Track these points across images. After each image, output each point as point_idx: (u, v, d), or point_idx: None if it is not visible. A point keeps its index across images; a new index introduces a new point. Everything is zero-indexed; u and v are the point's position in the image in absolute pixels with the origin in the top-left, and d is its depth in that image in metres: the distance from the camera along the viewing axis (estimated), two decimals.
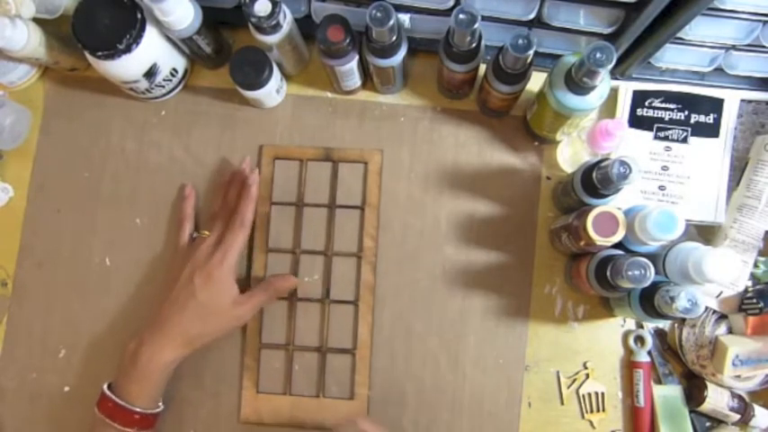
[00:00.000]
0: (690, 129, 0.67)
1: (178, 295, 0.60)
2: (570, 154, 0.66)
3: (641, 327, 0.67)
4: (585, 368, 0.66)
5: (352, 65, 0.63)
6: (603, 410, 0.66)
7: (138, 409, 0.58)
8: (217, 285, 0.60)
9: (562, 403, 0.66)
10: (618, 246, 0.57)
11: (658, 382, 0.66)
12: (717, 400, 0.63)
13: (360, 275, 0.67)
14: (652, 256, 0.55)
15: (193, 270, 0.61)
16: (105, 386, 0.60)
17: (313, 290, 0.67)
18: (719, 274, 0.51)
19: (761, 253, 0.66)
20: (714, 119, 0.67)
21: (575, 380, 0.66)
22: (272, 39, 0.61)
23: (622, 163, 0.52)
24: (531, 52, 0.54)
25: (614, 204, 0.57)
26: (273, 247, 0.68)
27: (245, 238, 0.63)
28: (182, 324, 0.60)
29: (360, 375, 0.65)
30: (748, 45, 0.60)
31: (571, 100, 0.56)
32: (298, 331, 0.67)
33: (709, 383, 0.64)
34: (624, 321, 0.67)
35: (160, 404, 0.61)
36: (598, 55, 0.51)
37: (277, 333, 0.67)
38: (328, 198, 0.68)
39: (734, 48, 0.61)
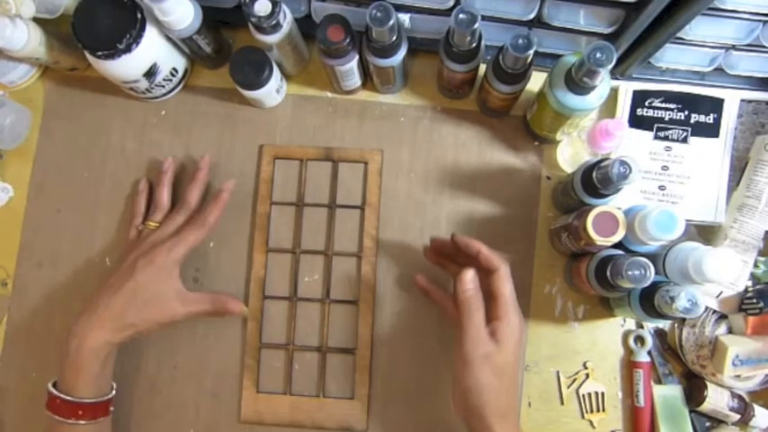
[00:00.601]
0: (690, 129, 0.67)
1: (117, 279, 0.59)
2: (570, 154, 0.66)
3: (641, 327, 0.67)
4: (585, 368, 0.66)
5: (352, 65, 0.63)
6: (603, 410, 0.66)
7: (85, 401, 0.56)
8: (158, 271, 0.58)
9: (562, 403, 0.66)
10: (618, 246, 0.57)
11: (658, 382, 0.66)
12: (717, 400, 0.63)
13: (360, 275, 0.67)
14: (652, 256, 0.55)
15: (138, 255, 0.59)
16: (50, 384, 0.57)
17: (313, 290, 0.67)
18: (719, 274, 0.51)
19: (761, 253, 0.66)
20: (714, 119, 0.67)
21: (575, 380, 0.66)
22: (272, 39, 0.61)
23: (622, 163, 0.52)
24: (531, 52, 0.54)
25: (614, 204, 0.57)
26: (273, 247, 0.68)
27: (201, 239, 0.61)
28: (114, 307, 0.57)
29: (360, 375, 0.65)
30: (748, 45, 0.60)
31: (571, 100, 0.56)
32: (298, 331, 0.67)
33: (709, 383, 0.64)
34: (624, 321, 0.67)
35: (111, 391, 0.60)
36: (598, 55, 0.51)
37: (277, 333, 0.67)
38: (328, 198, 0.68)
39: (734, 48, 0.61)
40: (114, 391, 0.60)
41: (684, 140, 0.67)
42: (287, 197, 0.68)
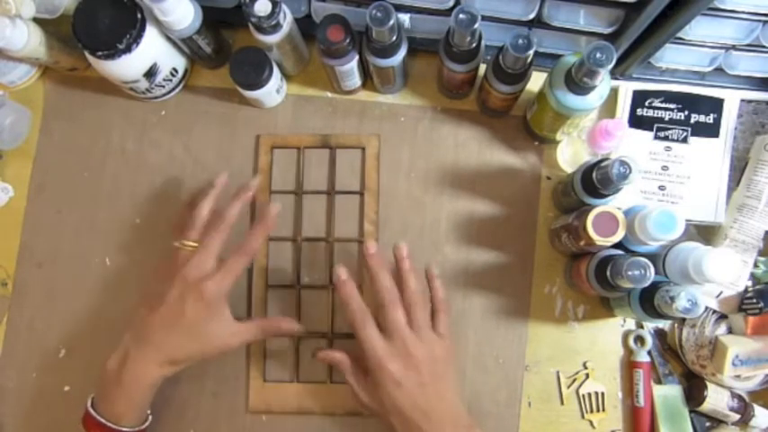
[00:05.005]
0: (690, 129, 0.67)
1: (168, 312, 0.56)
2: (570, 154, 0.66)
3: (641, 327, 0.67)
4: (585, 368, 0.66)
5: (352, 65, 0.63)
6: (603, 410, 0.66)
7: (125, 429, 0.56)
8: (208, 307, 0.56)
9: (562, 403, 0.66)
10: (618, 246, 0.57)
11: (658, 382, 0.66)
12: (717, 400, 0.63)
13: (361, 260, 0.67)
14: (652, 256, 0.55)
15: (185, 287, 0.56)
16: (89, 403, 0.57)
17: (316, 277, 0.67)
18: (719, 274, 0.51)
19: (761, 253, 0.66)
20: (714, 119, 0.67)
21: (575, 380, 0.66)
22: (272, 39, 0.61)
23: (622, 163, 0.53)
24: (531, 52, 0.54)
25: (614, 204, 0.57)
26: (274, 236, 0.68)
27: (246, 266, 0.59)
28: (169, 343, 0.56)
29: None
30: (748, 45, 0.60)
31: (571, 100, 0.56)
32: (304, 318, 0.66)
33: (709, 383, 0.64)
34: (624, 321, 0.67)
35: (148, 418, 0.60)
36: (598, 55, 0.51)
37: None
38: (327, 185, 0.69)
39: (734, 48, 0.61)
40: (149, 420, 0.60)
41: (684, 140, 0.67)
42: (286, 186, 0.69)
